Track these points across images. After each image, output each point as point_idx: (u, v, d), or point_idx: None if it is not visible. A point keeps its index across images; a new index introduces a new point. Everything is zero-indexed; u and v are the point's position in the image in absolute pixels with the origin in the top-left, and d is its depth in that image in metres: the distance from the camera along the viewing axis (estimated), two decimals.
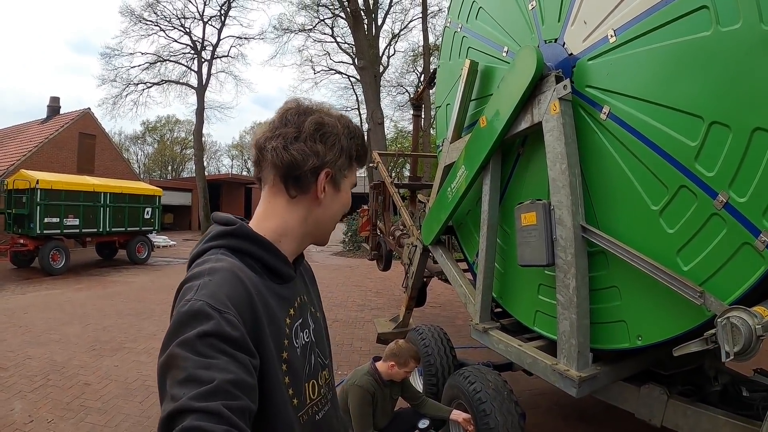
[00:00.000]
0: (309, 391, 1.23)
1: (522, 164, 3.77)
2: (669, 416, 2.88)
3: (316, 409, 1.25)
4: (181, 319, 0.95)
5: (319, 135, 1.21)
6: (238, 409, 0.85)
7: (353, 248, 22.55)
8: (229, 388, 0.86)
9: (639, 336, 2.79)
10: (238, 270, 1.10)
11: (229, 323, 0.95)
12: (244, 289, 1.05)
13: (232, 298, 1.00)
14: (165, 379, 0.89)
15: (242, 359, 0.93)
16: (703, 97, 2.38)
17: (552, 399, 5.42)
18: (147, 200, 19.25)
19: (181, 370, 0.86)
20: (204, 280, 1.03)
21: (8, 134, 28.02)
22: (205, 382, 0.84)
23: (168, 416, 0.81)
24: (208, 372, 0.86)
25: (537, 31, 3.54)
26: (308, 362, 1.25)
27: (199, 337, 0.90)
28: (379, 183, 8.35)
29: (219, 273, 1.06)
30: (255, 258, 1.18)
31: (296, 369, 1.18)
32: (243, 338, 0.96)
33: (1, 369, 6.51)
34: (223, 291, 1.01)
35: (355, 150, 1.30)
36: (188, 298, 0.98)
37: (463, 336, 7.40)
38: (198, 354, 0.88)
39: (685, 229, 2.48)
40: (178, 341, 0.90)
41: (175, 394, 0.84)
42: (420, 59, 36.19)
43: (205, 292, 0.99)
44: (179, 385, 0.85)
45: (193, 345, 0.89)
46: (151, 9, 34.20)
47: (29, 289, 12.85)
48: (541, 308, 3.55)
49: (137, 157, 73.02)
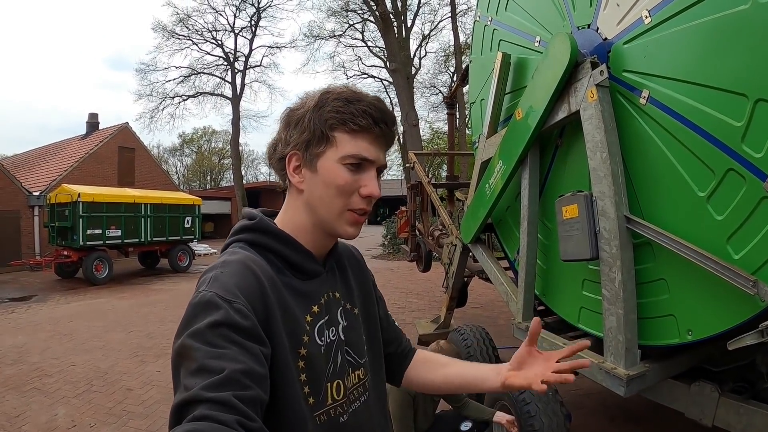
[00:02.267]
0: (332, 391, 1.17)
1: (561, 156, 3.66)
2: (720, 415, 2.75)
3: (340, 410, 1.19)
4: (192, 310, 0.97)
5: (285, 120, 1.19)
6: (249, 399, 0.86)
7: (393, 250, 22.57)
8: (239, 378, 0.86)
9: (689, 330, 2.66)
10: (251, 261, 1.10)
11: (239, 312, 0.95)
12: (255, 280, 1.05)
13: (242, 289, 1.01)
14: (178, 369, 0.90)
15: (253, 349, 0.93)
16: (745, 74, 2.25)
17: (598, 399, 5.29)
18: (187, 210, 19.67)
19: (192, 360, 0.88)
20: (216, 272, 1.05)
21: (50, 151, 29.18)
22: (216, 372, 0.85)
23: (179, 405, 0.82)
24: (218, 362, 0.86)
25: (569, 18, 3.44)
26: (333, 361, 1.20)
27: (209, 327, 0.91)
28: (417, 184, 8.29)
29: (231, 265, 1.07)
30: (274, 252, 1.18)
31: (316, 367, 1.14)
32: (254, 327, 0.97)
33: (46, 376, 6.74)
34: (233, 282, 1.01)
35: (331, 118, 1.11)
36: (200, 290, 1.01)
37: (505, 336, 7.28)
38: (209, 344, 0.89)
39: (735, 214, 2.34)
40: (189, 332, 0.92)
41: (188, 383, 0.85)
42: (452, 59, 36.05)
43: (216, 284, 1.00)
44: (191, 375, 0.86)
45: (204, 335, 0.90)
46: (183, 24, 35.06)
47: (74, 298, 13.26)
48: (585, 305, 3.44)
49: (176, 169, 74.99)
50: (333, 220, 1.17)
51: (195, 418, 0.78)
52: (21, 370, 6.94)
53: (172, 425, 0.81)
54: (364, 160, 1.13)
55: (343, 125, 1.11)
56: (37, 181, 23.20)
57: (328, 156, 1.13)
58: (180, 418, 0.80)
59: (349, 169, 1.13)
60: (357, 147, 1.13)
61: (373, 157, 1.15)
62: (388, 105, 7.91)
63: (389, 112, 1.16)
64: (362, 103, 1.12)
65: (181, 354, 0.91)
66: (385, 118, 1.14)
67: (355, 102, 1.11)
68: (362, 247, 26.21)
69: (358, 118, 1.10)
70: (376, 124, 1.12)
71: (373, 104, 1.13)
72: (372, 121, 1.11)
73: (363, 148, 1.13)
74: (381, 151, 1.18)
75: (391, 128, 1.17)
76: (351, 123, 1.11)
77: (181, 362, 0.90)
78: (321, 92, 1.15)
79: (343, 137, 1.12)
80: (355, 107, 1.10)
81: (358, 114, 1.10)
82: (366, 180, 1.15)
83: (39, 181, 23.14)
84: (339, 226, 1.17)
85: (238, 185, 36.27)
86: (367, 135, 1.13)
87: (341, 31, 35.34)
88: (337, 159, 1.12)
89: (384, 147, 1.19)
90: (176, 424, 0.80)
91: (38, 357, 7.57)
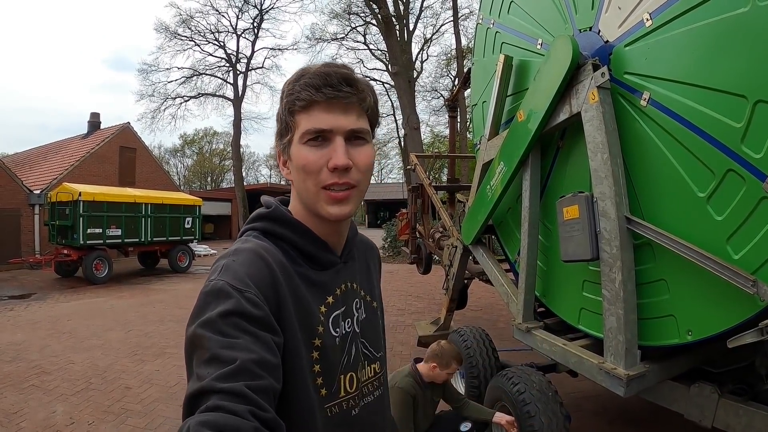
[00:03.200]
0: (345, 383, 1.17)
1: (562, 158, 3.69)
2: (720, 416, 2.77)
3: (352, 403, 1.18)
4: (204, 298, 0.96)
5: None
6: (261, 389, 0.85)
7: (393, 253, 22.52)
8: (252, 368, 0.85)
9: (689, 331, 2.67)
10: (263, 250, 1.09)
11: (250, 301, 0.94)
12: (267, 269, 1.04)
13: (254, 277, 1.00)
14: (191, 358, 0.90)
15: (264, 338, 0.92)
16: (744, 75, 2.27)
17: (597, 402, 5.28)
18: (187, 210, 19.59)
19: (205, 349, 0.87)
20: (227, 261, 1.04)
21: (51, 150, 29.10)
22: (229, 362, 0.84)
23: (192, 395, 0.82)
24: (231, 352, 0.86)
25: (571, 21, 3.46)
26: (347, 353, 1.19)
27: (221, 316, 0.90)
28: (418, 186, 8.32)
29: (242, 254, 1.06)
30: (287, 241, 1.17)
31: (330, 358, 1.13)
32: (265, 316, 0.96)
33: (45, 373, 6.73)
34: (244, 270, 1.00)
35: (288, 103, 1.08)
36: (211, 279, 1.00)
37: (505, 339, 7.29)
38: (221, 333, 0.89)
39: (735, 215, 2.36)
40: (201, 321, 0.91)
41: (200, 373, 0.85)
42: (453, 62, 36.14)
43: (228, 273, 0.99)
44: (204, 365, 0.85)
45: (216, 324, 0.90)
46: (185, 25, 35.16)
47: (73, 297, 13.23)
48: (586, 305, 3.45)
49: (177, 170, 75.00)
50: (313, 203, 1.12)
51: (208, 408, 0.78)
52: (19, 368, 6.93)
53: (185, 415, 0.81)
54: (320, 131, 1.06)
55: (294, 105, 1.07)
56: (38, 180, 23.17)
57: (294, 141, 1.10)
58: (193, 408, 0.81)
59: (312, 146, 1.07)
60: (310, 121, 1.06)
61: (328, 126, 1.06)
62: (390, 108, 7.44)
63: (335, 74, 1.06)
64: (305, 77, 1.07)
65: (193, 343, 0.91)
66: (329, 81, 1.05)
67: (300, 78, 1.08)
68: None
69: (301, 92, 1.05)
70: (319, 90, 1.04)
71: (317, 72, 1.06)
72: (314, 90, 1.04)
73: (317, 120, 1.06)
74: (341, 115, 1.07)
75: (342, 88, 1.05)
76: (298, 101, 1.06)
77: (193, 351, 0.90)
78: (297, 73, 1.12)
79: (301, 117, 1.08)
80: (299, 84, 1.07)
81: (301, 89, 1.06)
82: (330, 152, 1.07)
83: (40, 180, 23.10)
84: (320, 207, 1.11)
85: (239, 187, 36.30)
86: (317, 106, 1.06)
87: (343, 34, 35.50)
88: (297, 140, 1.09)
89: (344, 110, 1.07)
90: (189, 414, 0.81)
91: (37, 354, 7.56)
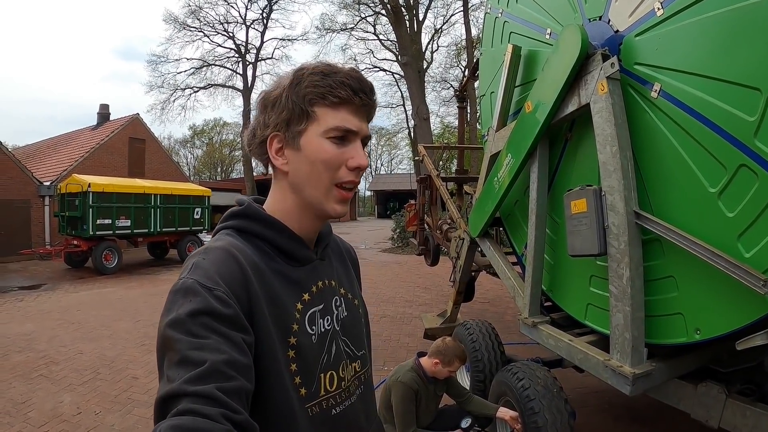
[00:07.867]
0: (325, 382, 1.15)
1: (570, 150, 3.61)
2: (727, 417, 2.71)
3: (333, 402, 1.17)
4: (172, 297, 0.95)
5: (261, 104, 1.17)
6: (233, 391, 0.84)
7: (401, 244, 22.54)
8: (222, 369, 0.85)
9: (697, 330, 2.61)
10: (234, 249, 1.08)
11: (219, 299, 0.94)
12: (238, 267, 1.03)
13: (223, 276, 0.99)
14: (162, 359, 0.89)
15: (235, 338, 0.92)
16: (759, 67, 2.19)
17: (603, 398, 5.24)
18: (196, 201, 19.61)
19: (174, 351, 0.86)
20: (197, 259, 1.04)
21: (60, 141, 29.25)
22: (198, 363, 0.83)
23: (163, 399, 0.81)
24: (200, 353, 0.85)
25: (580, 10, 3.38)
26: (327, 351, 1.18)
27: (190, 315, 0.89)
28: (426, 177, 8.28)
29: (213, 252, 1.06)
30: (263, 238, 1.16)
31: (308, 357, 1.12)
32: (235, 315, 0.95)
33: (53, 363, 6.80)
34: (214, 269, 1.00)
35: (309, 93, 1.09)
36: (181, 277, 0.99)
37: (512, 333, 7.26)
38: (190, 334, 0.87)
39: (747, 212, 2.28)
40: (170, 321, 0.90)
41: (171, 375, 0.83)
42: (463, 53, 35.95)
43: (197, 271, 0.99)
44: (175, 367, 0.84)
45: (185, 324, 0.88)
46: (194, 16, 35.32)
47: (82, 287, 13.32)
48: (592, 301, 3.39)
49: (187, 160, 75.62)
50: (321, 197, 1.14)
51: (179, 412, 0.77)
52: (28, 358, 7.00)
53: (157, 419, 0.80)
54: (348, 131, 1.11)
55: (323, 99, 1.09)
56: (48, 171, 23.29)
57: (311, 132, 1.10)
58: (164, 412, 0.79)
59: (334, 142, 1.11)
60: (339, 119, 1.10)
61: (356, 128, 1.12)
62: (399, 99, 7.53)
63: (367, 82, 1.13)
64: (339, 75, 1.09)
65: (164, 344, 0.89)
66: (363, 88, 1.11)
67: (332, 75, 1.09)
68: (371, 241, 26.26)
69: (337, 89, 1.08)
70: (356, 94, 1.09)
71: (351, 75, 1.10)
72: (351, 92, 1.09)
73: (345, 119, 1.10)
74: (363, 121, 1.15)
75: (371, 98, 1.14)
76: (330, 96, 1.08)
77: (164, 353, 0.88)
78: (295, 70, 1.14)
79: (324, 111, 1.09)
80: (333, 80, 1.08)
81: (337, 86, 1.08)
82: (352, 152, 1.12)
83: (50, 171, 23.22)
84: (327, 203, 1.14)
85: (248, 177, 36.42)
86: (347, 106, 1.10)
87: (353, 24, 35.43)
88: (320, 133, 1.10)
89: (365, 117, 1.16)
90: (161, 418, 0.79)
91: (46, 345, 7.63)
